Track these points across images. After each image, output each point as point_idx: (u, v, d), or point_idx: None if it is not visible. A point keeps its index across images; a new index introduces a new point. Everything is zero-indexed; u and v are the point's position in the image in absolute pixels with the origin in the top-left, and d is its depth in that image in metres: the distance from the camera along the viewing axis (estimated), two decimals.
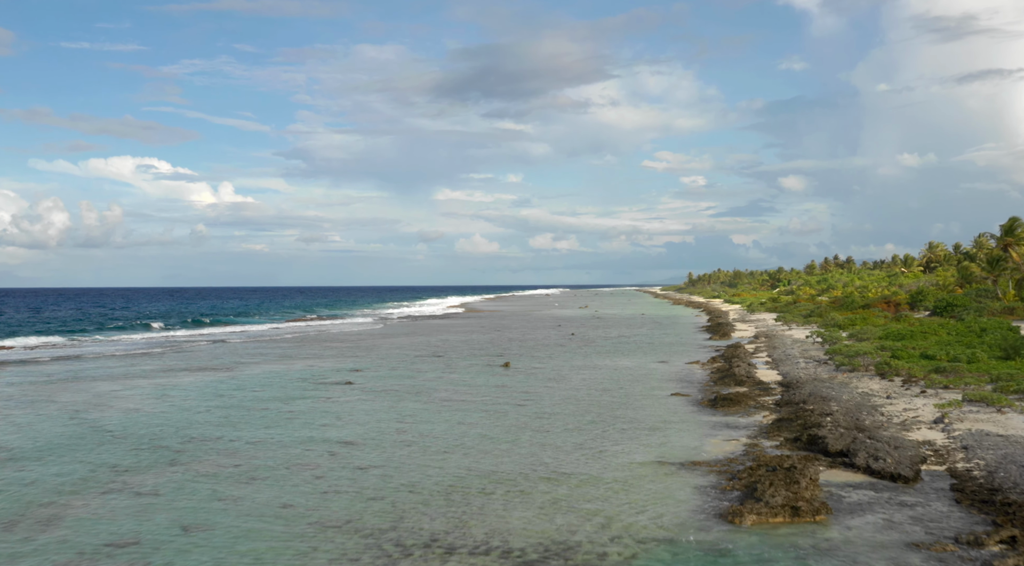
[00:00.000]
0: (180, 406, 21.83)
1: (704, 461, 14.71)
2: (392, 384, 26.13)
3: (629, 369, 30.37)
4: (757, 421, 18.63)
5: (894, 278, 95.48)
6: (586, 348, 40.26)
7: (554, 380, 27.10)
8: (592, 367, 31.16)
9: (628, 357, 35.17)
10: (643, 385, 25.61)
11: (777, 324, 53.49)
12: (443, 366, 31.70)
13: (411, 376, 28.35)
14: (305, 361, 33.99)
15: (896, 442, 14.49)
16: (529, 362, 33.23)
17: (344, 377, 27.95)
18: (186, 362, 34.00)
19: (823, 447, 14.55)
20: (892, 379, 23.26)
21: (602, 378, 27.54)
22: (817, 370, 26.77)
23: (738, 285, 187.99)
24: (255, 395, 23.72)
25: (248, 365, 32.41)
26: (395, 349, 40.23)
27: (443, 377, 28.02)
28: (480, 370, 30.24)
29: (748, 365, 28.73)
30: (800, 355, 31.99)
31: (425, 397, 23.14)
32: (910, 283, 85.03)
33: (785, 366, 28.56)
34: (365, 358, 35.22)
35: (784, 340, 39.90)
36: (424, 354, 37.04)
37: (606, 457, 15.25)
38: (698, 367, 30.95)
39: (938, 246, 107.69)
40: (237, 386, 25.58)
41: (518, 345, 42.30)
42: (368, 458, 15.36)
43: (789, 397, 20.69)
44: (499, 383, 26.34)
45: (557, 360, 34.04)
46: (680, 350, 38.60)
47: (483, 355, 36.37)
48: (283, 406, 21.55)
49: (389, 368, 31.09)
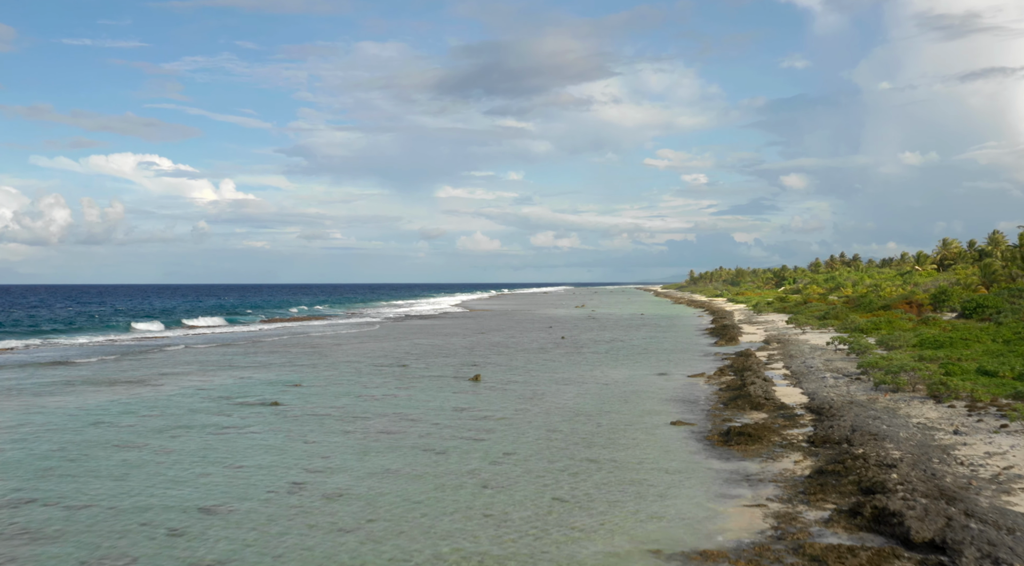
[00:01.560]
0: (15, 439, 16.88)
1: (718, 551, 9.78)
2: (326, 406, 21.19)
3: (621, 384, 25.44)
4: (788, 470, 13.67)
5: (908, 276, 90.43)
6: (575, 354, 35.33)
7: (528, 400, 22.17)
8: (578, 381, 26.22)
9: (621, 366, 30.23)
10: (636, 408, 20.67)
11: (789, 327, 48.50)
12: (402, 379, 26.78)
13: (357, 393, 23.43)
14: (244, 372, 29.06)
15: (1011, 522, 9.56)
16: (505, 373, 28.30)
17: (275, 394, 23.04)
18: (101, 373, 29.05)
19: (901, 532, 9.60)
20: (952, 404, 18.30)
21: (587, 397, 22.61)
22: (851, 389, 21.81)
23: (741, 283, 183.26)
24: (138, 424, 18.77)
25: (173, 377, 27.47)
26: (360, 356, 35.31)
27: (394, 396, 23.09)
28: (443, 385, 25.32)
29: (764, 381, 23.78)
30: (824, 367, 27.02)
31: (357, 427, 18.19)
32: (927, 282, 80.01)
33: (810, 382, 23.59)
34: (317, 368, 30.30)
35: (801, 347, 34.92)
36: (388, 363, 32.11)
37: (572, 545, 10.28)
38: (703, 381, 26.02)
39: (952, 243, 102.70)
40: (126, 409, 20.62)
41: (499, 350, 37.38)
42: (214, 547, 10.37)
43: (826, 432, 15.72)
44: (459, 404, 21.41)
45: (538, 371, 29.10)
46: (681, 358, 33.65)
47: (455, 364, 31.43)
48: (160, 441, 16.56)
49: (337, 382, 26.16)
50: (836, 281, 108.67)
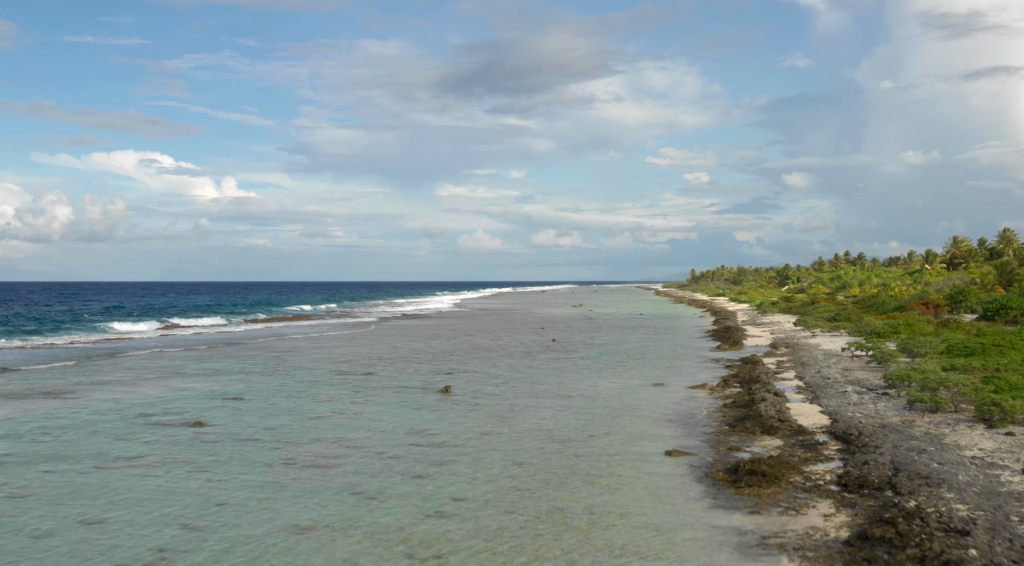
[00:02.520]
0: None
1: None
2: (258, 427, 17.90)
3: (611, 397, 22.16)
4: (816, 529, 10.37)
5: (918, 275, 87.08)
6: (564, 360, 32.04)
7: (500, 419, 18.89)
8: (562, 393, 22.95)
9: (613, 376, 26.94)
10: (625, 430, 17.38)
11: (797, 329, 45.19)
12: (361, 391, 23.50)
13: (301, 410, 20.15)
14: (188, 381, 25.78)
15: None
16: (481, 383, 25.02)
17: (205, 411, 19.75)
18: (30, 383, 25.74)
19: None
20: (1009, 430, 15.00)
21: (569, 415, 19.32)
22: (879, 407, 18.50)
23: (743, 282, 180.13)
24: (14, 452, 15.46)
25: (102, 388, 24.17)
26: (327, 361, 32.03)
27: (343, 413, 19.81)
28: (406, 399, 22.04)
29: (775, 395, 20.48)
30: (843, 378, 23.72)
31: (281, 458, 14.91)
32: (938, 281, 76.68)
33: (829, 398, 20.26)
34: (272, 375, 27.03)
35: (813, 353, 31.60)
36: (354, 370, 28.84)
37: None
38: (705, 394, 22.74)
39: (963, 241, 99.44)
40: (12, 431, 17.23)
41: (482, 355, 34.10)
42: None
43: (861, 470, 12.42)
44: (417, 424, 18.13)
45: (520, 380, 25.82)
46: (680, 365, 30.35)
47: (427, 372, 28.15)
48: (23, 479, 13.12)
49: (286, 394, 22.89)
50: (842, 280, 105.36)
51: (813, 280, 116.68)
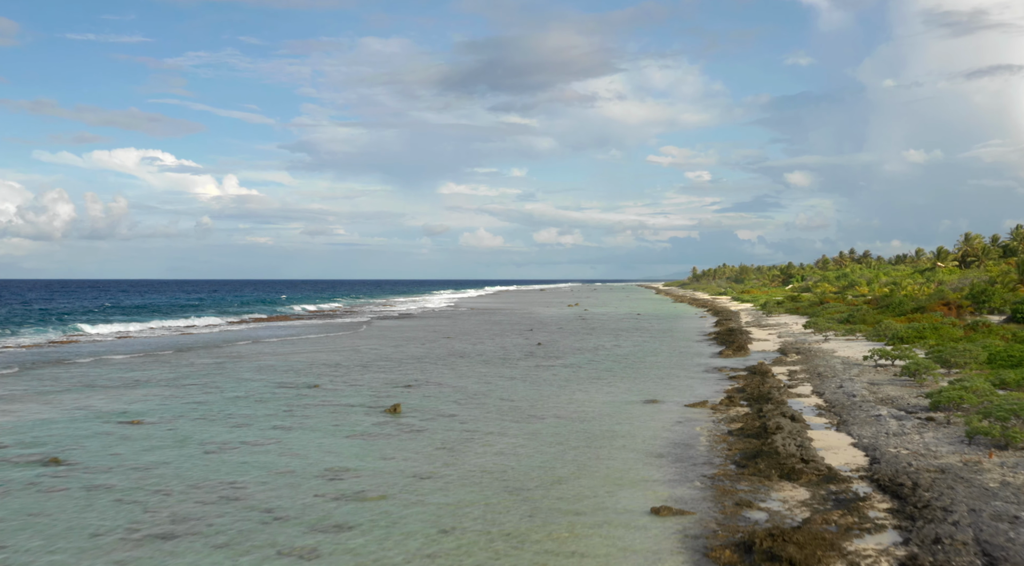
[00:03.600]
0: None
1: None
2: (131, 467, 13.92)
3: (592, 418, 18.21)
4: None
5: (930, 274, 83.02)
6: (545, 369, 28.11)
7: (447, 453, 14.95)
8: (532, 414, 19.00)
9: (598, 389, 22.99)
10: (602, 470, 13.44)
11: (807, 332, 41.20)
12: (293, 410, 19.56)
13: (205, 438, 16.21)
14: (94, 396, 21.82)
15: None
16: (440, 400, 21.08)
17: (79, 441, 15.79)
18: None
19: None
20: None
21: (536, 446, 15.39)
22: (926, 438, 14.54)
23: (745, 281, 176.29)
24: None
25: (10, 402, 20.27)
26: (273, 369, 28.11)
27: (255, 443, 15.85)
28: (342, 421, 18.10)
29: (792, 419, 16.53)
30: (872, 395, 19.74)
31: (128, 521, 10.95)
32: (953, 280, 72.67)
33: (861, 424, 16.28)
34: (197, 388, 23.09)
35: (829, 361, 27.62)
36: (297, 382, 24.91)
37: None
38: (706, 415, 18.79)
39: (975, 238, 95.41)
40: None
41: (454, 362, 30.15)
42: None
43: (935, 557, 8.48)
44: (337, 462, 14.18)
45: (488, 395, 21.87)
46: (678, 375, 26.39)
47: (382, 384, 24.21)
48: None
49: (198, 415, 18.93)
50: (849, 279, 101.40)
51: (818, 279, 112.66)
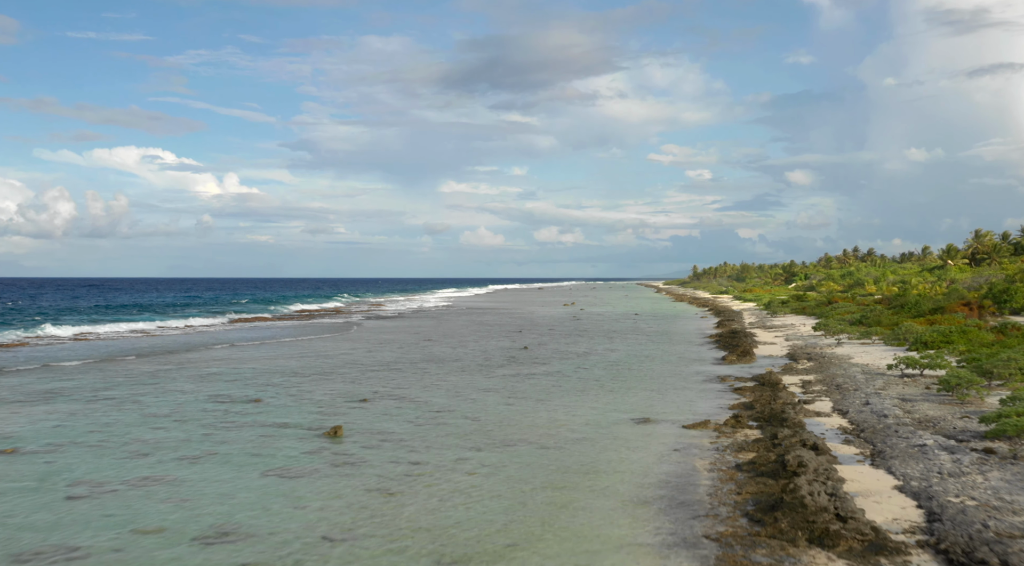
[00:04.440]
0: None
1: None
2: None
3: (569, 446, 14.97)
4: None
5: (941, 272, 79.68)
6: (526, 378, 24.87)
7: (380, 498, 11.70)
8: (499, 440, 15.76)
9: (583, 404, 19.74)
10: (574, 527, 10.19)
11: (817, 335, 37.94)
12: (214, 433, 16.31)
13: (82, 475, 12.96)
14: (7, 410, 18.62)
15: None
16: (393, 419, 17.84)
17: None
18: None
19: None
20: None
21: (493, 488, 12.13)
22: (992, 481, 11.28)
23: (747, 280, 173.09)
24: None
25: None
26: (210, 380, 24.87)
27: (143, 481, 12.59)
28: (268, 449, 14.86)
29: (816, 453, 13.29)
30: (906, 414, 16.46)
31: None
32: (966, 278, 69.37)
33: (903, 459, 12.99)
34: (109, 405, 19.85)
35: (848, 370, 24.36)
36: (235, 396, 21.68)
37: None
38: (709, 440, 15.55)
39: (986, 235, 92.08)
40: None
41: (423, 370, 26.91)
42: None
43: None
44: (231, 514, 10.94)
45: (449, 415, 18.62)
46: (675, 386, 23.14)
47: (332, 398, 20.96)
48: None
49: (94, 441, 15.66)
50: (855, 277, 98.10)
51: (823, 277, 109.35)
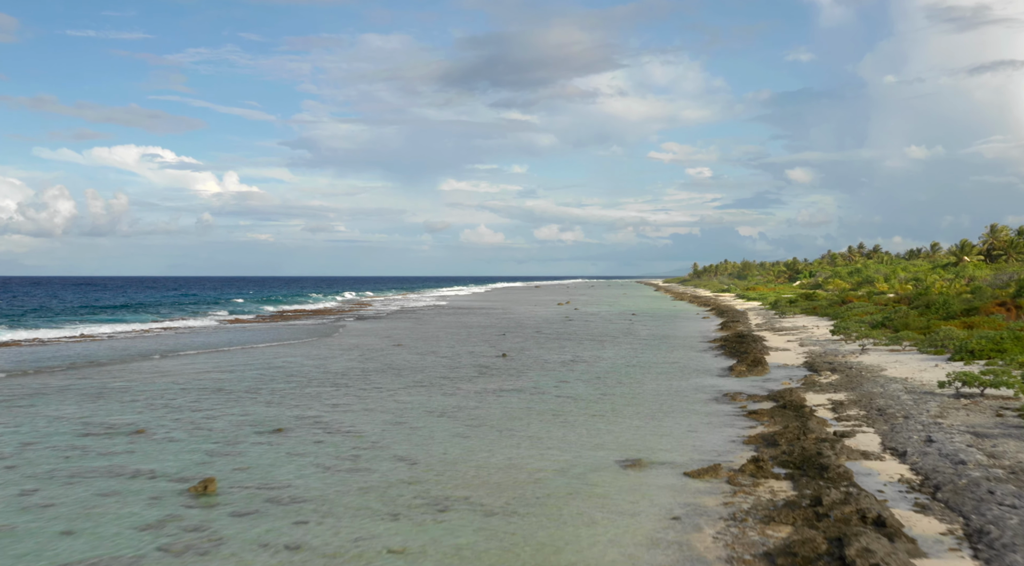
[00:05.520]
0: None
1: None
2: None
3: (530, 510, 10.53)
4: None
5: (958, 268, 75.26)
6: (493, 396, 20.44)
7: None
8: (432, 500, 11.32)
9: (556, 434, 15.29)
10: None
11: (836, 339, 33.49)
12: (45, 487, 11.91)
13: None
14: None
15: None
16: (299, 463, 13.41)
17: None
18: None
19: None
20: None
21: None
22: None
23: (748, 277, 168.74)
24: None
25: None
26: (95, 401, 20.44)
27: None
28: (105, 517, 10.44)
29: (882, 535, 8.87)
30: (993, 461, 12.01)
31: None
32: (986, 275, 64.96)
33: (1021, 551, 8.59)
34: None
35: (887, 387, 19.88)
36: (118, 423, 17.23)
37: None
38: (720, 496, 11.08)
39: (1002, 230, 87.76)
40: None
41: (375, 385, 22.48)
42: None
43: None
44: None
45: (380, 452, 14.18)
46: (674, 407, 18.66)
47: (242, 427, 16.53)
48: None
49: None
50: (863, 275, 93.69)
51: (829, 274, 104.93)
